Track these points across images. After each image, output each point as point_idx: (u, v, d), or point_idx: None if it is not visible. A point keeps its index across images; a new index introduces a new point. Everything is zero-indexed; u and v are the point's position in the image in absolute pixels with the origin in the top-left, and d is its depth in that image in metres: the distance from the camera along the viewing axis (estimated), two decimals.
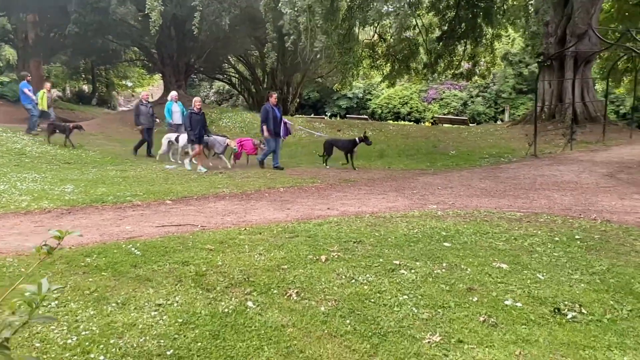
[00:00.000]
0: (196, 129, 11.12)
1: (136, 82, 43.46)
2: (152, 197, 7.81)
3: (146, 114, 13.68)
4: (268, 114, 11.39)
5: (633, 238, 5.17)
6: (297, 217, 6.34)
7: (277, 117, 11.52)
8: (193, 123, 11.09)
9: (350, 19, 17.63)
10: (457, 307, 3.50)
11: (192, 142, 11.40)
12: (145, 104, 13.83)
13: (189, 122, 11.07)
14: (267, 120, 11.38)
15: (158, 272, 4.10)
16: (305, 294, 3.69)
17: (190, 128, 11.12)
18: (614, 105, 32.03)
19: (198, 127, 11.15)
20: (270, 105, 11.55)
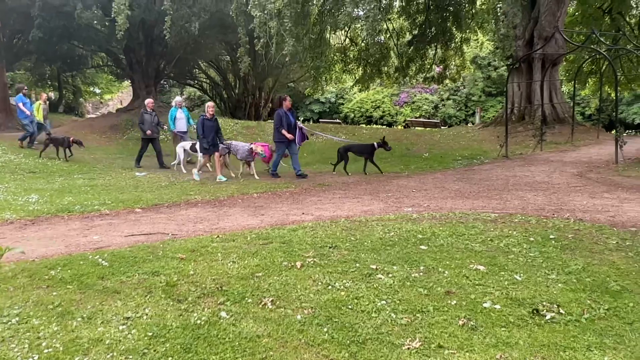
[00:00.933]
0: (209, 136, 10.46)
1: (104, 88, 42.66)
2: (121, 206, 7.59)
3: (150, 123, 13.00)
4: (282, 119, 10.76)
5: (606, 236, 5.21)
6: (272, 223, 6.22)
7: (291, 122, 10.93)
8: (206, 130, 10.44)
9: (321, 23, 17.64)
10: (436, 311, 3.44)
11: (206, 151, 10.70)
12: (150, 112, 13.12)
13: (202, 128, 10.42)
14: (281, 126, 10.74)
15: (127, 283, 3.94)
16: (280, 302, 3.58)
17: (203, 135, 10.46)
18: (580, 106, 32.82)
19: (211, 134, 10.50)
20: (284, 110, 10.89)
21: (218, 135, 10.70)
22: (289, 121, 10.84)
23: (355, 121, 39.13)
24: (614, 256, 4.56)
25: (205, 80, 35.83)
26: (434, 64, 24.04)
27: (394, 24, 23.58)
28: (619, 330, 3.17)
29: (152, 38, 23.67)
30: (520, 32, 18.42)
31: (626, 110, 32.05)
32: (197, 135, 10.83)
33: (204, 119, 10.45)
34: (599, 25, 20.48)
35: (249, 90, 31.86)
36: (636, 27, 22.19)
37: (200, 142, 10.69)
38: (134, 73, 25.14)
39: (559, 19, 17.87)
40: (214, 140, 10.55)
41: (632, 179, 9.46)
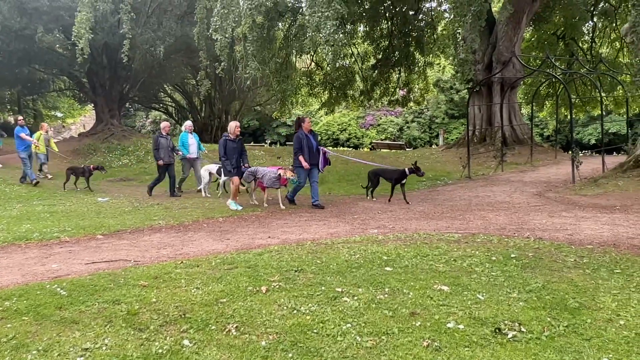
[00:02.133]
0: (233, 159, 9.53)
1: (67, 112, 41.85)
2: (82, 233, 7.39)
3: (166, 148, 12.00)
4: (302, 142, 9.71)
5: (564, 254, 5.36)
6: (237, 247, 6.16)
7: (312, 145, 9.84)
8: (229, 151, 9.48)
9: (287, 48, 17.84)
10: (401, 332, 3.45)
11: (229, 173, 9.78)
12: (165, 136, 12.14)
13: (224, 150, 9.45)
14: (301, 149, 9.72)
15: (86, 313, 3.82)
16: (245, 328, 3.53)
17: (225, 157, 9.49)
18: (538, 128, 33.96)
19: (235, 156, 9.56)
20: (304, 132, 9.83)
21: (242, 158, 9.77)
22: (310, 144, 9.79)
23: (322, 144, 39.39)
24: (572, 273, 4.69)
25: (171, 103, 35.64)
26: (398, 88, 24.56)
27: (359, 48, 24.06)
28: (578, 347, 3.24)
29: (116, 61, 23.46)
30: (480, 56, 19.04)
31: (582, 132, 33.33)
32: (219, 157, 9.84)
33: (226, 139, 9.55)
34: (554, 50, 21.40)
35: (215, 114, 31.82)
36: (588, 52, 23.25)
37: (223, 164, 9.75)
38: (97, 97, 24.81)
39: (515, 44, 18.57)
40: (238, 163, 9.67)
41: (588, 197, 9.79)
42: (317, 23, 11.36)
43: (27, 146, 13.87)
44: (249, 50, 12.73)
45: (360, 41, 23.85)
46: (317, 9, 11.31)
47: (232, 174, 9.68)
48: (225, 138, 9.57)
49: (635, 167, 11.70)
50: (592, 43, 23.53)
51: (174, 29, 21.50)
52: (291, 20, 16.98)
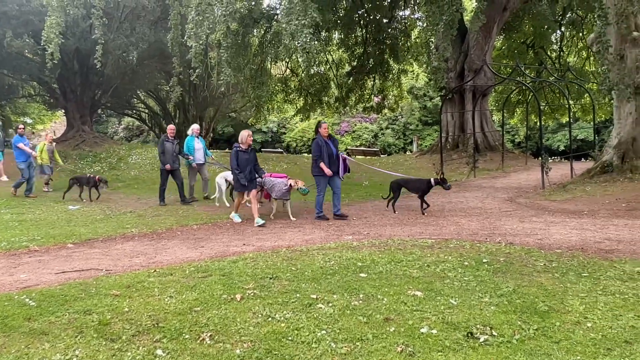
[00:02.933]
0: (246, 171, 8.66)
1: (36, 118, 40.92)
2: (52, 242, 7.24)
3: (171, 153, 11.35)
4: (321, 149, 9.01)
5: (534, 259, 5.47)
6: (211, 255, 6.12)
7: (332, 152, 9.13)
8: (241, 163, 8.63)
9: (262, 54, 17.86)
10: (375, 338, 3.48)
11: (243, 188, 8.75)
12: (171, 140, 11.45)
13: (236, 161, 8.59)
14: (321, 156, 9.01)
15: (56, 324, 3.74)
16: (219, 337, 3.51)
17: (238, 170, 8.61)
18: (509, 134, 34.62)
19: (248, 167, 8.72)
20: (322, 138, 9.15)
21: (256, 169, 8.95)
22: (329, 151, 9.08)
23: (297, 150, 39.45)
24: (542, 277, 4.79)
25: (144, 109, 35.18)
26: (373, 94, 24.79)
27: (334, 55, 24.24)
28: (547, 350, 3.31)
29: (87, 67, 23.07)
30: (452, 64, 19.37)
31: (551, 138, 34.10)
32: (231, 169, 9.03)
33: (237, 150, 8.69)
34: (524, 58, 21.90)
35: (189, 120, 31.49)
36: (556, 60, 23.87)
37: (236, 177, 8.75)
38: (68, 102, 24.34)
39: (486, 52, 18.96)
40: (252, 175, 8.81)
41: (557, 203, 10.02)
42: (293, 31, 11.40)
43: (27, 156, 12.97)
44: (223, 56, 12.69)
45: (335, 48, 24.04)
46: (294, 17, 11.36)
47: (245, 187, 8.75)
48: (237, 149, 8.74)
49: (602, 173, 12.04)
50: (560, 52, 24.17)
51: (148, 34, 21.28)
52: (266, 27, 17.03)
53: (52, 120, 42.43)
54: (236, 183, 8.94)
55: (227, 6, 11.64)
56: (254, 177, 8.85)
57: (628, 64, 11.98)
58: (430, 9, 12.29)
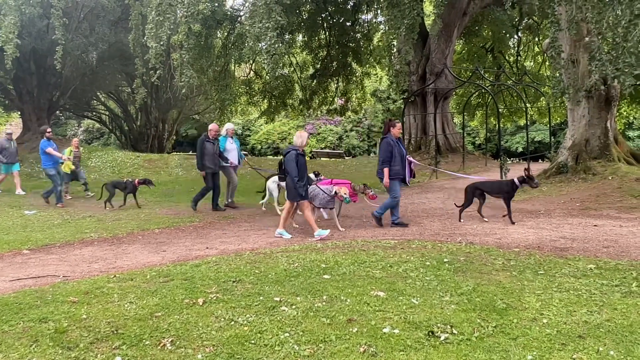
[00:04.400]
0: (304, 177, 7.55)
1: None
2: (7, 248, 6.99)
3: (212, 155, 10.36)
4: (392, 149, 7.99)
5: (493, 257, 5.61)
6: (174, 260, 6.03)
7: (403, 154, 8.16)
8: (301, 168, 7.43)
9: (225, 56, 17.73)
10: (338, 340, 3.50)
11: (301, 197, 7.46)
12: (212, 140, 10.41)
13: (296, 166, 7.35)
14: (391, 159, 7.97)
15: (9, 333, 3.61)
16: (180, 342, 3.46)
17: (297, 176, 7.34)
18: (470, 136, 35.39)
19: (306, 174, 7.72)
20: (393, 138, 8.12)
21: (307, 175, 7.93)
22: (401, 153, 8.10)
23: (262, 152, 39.28)
24: (500, 276, 4.92)
25: (105, 112, 34.38)
26: (337, 97, 24.92)
27: (298, 58, 24.27)
28: (505, 346, 3.40)
29: (44, 68, 22.38)
30: (414, 67, 19.67)
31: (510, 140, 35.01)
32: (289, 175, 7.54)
33: (297, 153, 7.48)
34: (483, 62, 22.45)
35: (151, 122, 30.99)
36: (514, 64, 24.54)
37: (294, 186, 7.40)
38: (24, 104, 23.55)
39: (447, 56, 19.34)
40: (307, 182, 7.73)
41: (515, 203, 10.26)
42: (258, 33, 11.36)
43: (56, 162, 12.06)
44: (185, 58, 12.53)
45: (299, 51, 24.08)
46: (258, 19, 11.32)
47: (302, 198, 7.49)
48: (297, 152, 7.49)
49: (558, 174, 12.45)
50: (517, 56, 24.87)
51: (108, 35, 20.82)
52: (230, 29, 16.92)
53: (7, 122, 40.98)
54: (291, 192, 7.52)
55: (188, 7, 11.51)
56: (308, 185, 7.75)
57: (580, 68, 12.44)
58: (392, 12, 12.46)
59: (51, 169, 11.96)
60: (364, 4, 20.89)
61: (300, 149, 7.58)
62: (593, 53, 9.04)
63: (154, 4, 11.91)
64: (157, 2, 11.82)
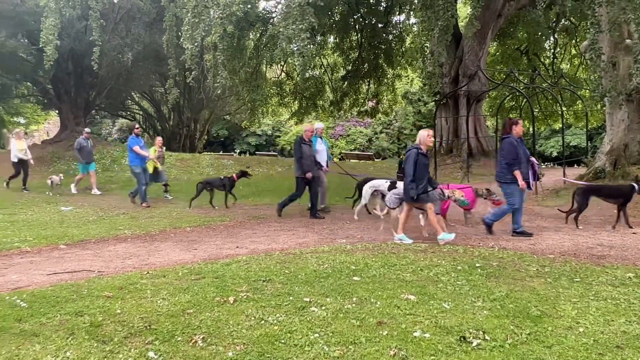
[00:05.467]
0: (424, 180, 6.97)
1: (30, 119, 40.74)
2: (44, 242, 7.20)
3: (310, 157, 9.54)
4: (518, 151, 7.33)
5: (527, 264, 5.50)
6: (204, 258, 6.10)
7: (528, 156, 7.57)
8: (420, 169, 6.92)
9: (257, 57, 17.86)
10: (368, 342, 3.47)
11: (410, 199, 7.02)
12: (308, 142, 9.70)
13: (414, 167, 6.87)
14: (517, 161, 7.29)
15: (47, 325, 3.72)
16: (212, 339, 3.49)
17: (413, 177, 6.87)
18: None
19: (427, 175, 7.09)
20: (517, 138, 7.50)
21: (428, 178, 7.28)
22: (526, 154, 7.52)
23: (291, 154, 39.45)
24: (535, 282, 4.81)
25: (139, 111, 35.11)
26: (367, 99, 24.83)
27: (329, 59, 24.29)
28: (539, 354, 3.32)
29: (82, 68, 22.97)
30: (447, 70, 19.46)
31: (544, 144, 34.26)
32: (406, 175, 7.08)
33: (419, 152, 6.99)
34: (517, 64, 22.04)
35: (183, 122, 31.48)
36: (550, 67, 24.02)
37: (408, 187, 6.95)
38: (62, 103, 24.23)
39: (480, 58, 19.07)
40: (427, 186, 7.07)
41: (550, 208, 10.06)
42: (290, 35, 11.41)
43: (143, 160, 11.86)
44: (219, 59, 12.68)
45: (330, 52, 24.10)
46: (291, 20, 11.36)
47: (413, 200, 7.02)
48: (418, 151, 6.99)
49: (595, 179, 12.11)
50: (553, 59, 24.34)
51: (143, 36, 21.25)
52: (262, 30, 17.03)
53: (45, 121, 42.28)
54: (410, 193, 7.01)
55: (224, 9, 11.64)
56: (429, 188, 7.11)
57: (620, 71, 12.08)
58: (425, 14, 12.35)
59: (137, 167, 11.71)
60: (396, 6, 20.78)
61: (422, 147, 7.08)
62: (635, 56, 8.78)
63: (190, 5, 12.10)
64: (192, 4, 12.00)
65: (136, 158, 11.76)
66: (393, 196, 7.68)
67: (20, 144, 14.44)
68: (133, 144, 11.78)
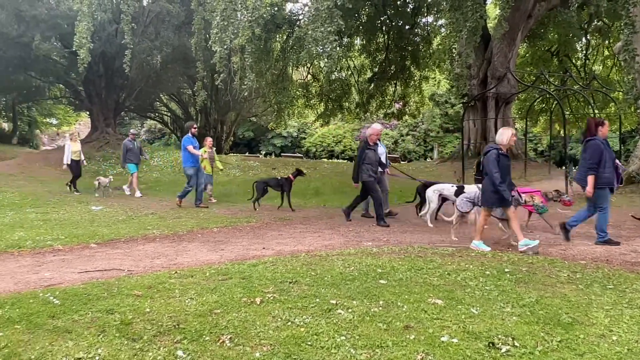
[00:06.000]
0: (506, 179, 6.66)
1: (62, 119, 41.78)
2: (76, 241, 7.37)
3: (374, 163, 9.03)
4: (603, 155, 6.87)
5: (557, 269, 5.39)
6: (231, 258, 6.16)
7: (613, 158, 7.10)
8: (502, 171, 6.55)
9: (284, 60, 17.95)
10: (395, 346, 3.45)
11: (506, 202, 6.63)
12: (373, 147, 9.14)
13: (496, 166, 6.51)
14: (600, 162, 6.83)
15: (79, 322, 3.80)
16: (239, 340, 3.52)
17: (498, 177, 6.47)
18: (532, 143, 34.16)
19: (509, 177, 6.81)
20: (602, 139, 7.06)
21: None
22: (612, 156, 7.05)
23: (317, 155, 39.49)
24: (566, 289, 4.71)
25: (166, 113, 35.64)
26: (394, 101, 24.71)
27: (355, 61, 24.25)
28: None
29: (112, 70, 23.50)
30: (475, 71, 19.23)
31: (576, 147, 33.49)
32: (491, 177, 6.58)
33: (500, 153, 6.62)
34: (548, 66, 21.62)
35: (210, 124, 31.83)
36: (581, 68, 23.51)
37: (492, 187, 6.58)
38: (93, 105, 24.81)
39: (510, 60, 18.78)
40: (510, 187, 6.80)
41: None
42: (318, 37, 11.43)
43: (196, 161, 11.49)
44: (246, 61, 12.79)
45: (357, 54, 24.05)
46: (319, 23, 11.38)
47: (506, 203, 6.64)
48: (499, 152, 6.63)
49: (629, 184, 11.80)
50: (585, 60, 23.82)
51: (172, 38, 21.59)
52: (288, 32, 17.12)
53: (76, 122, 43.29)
54: (490, 196, 6.66)
55: (252, 12, 11.74)
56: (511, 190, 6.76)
57: None
58: (453, 15, 12.22)
59: (190, 169, 11.32)
60: (424, 7, 20.62)
61: (502, 147, 6.69)
62: None
63: (219, 9, 12.23)
64: (221, 7, 12.13)
65: (189, 159, 11.37)
66: (464, 199, 7.42)
67: (75, 146, 14.50)
68: (187, 144, 11.35)
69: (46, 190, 14.50)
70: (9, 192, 13.10)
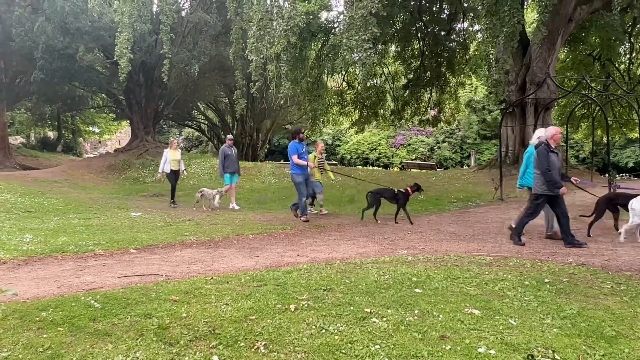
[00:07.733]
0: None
1: (104, 128, 43.12)
2: (116, 246, 7.56)
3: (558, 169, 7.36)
4: None
5: (600, 280, 5.20)
6: (266, 265, 6.20)
7: None
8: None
9: (318, 67, 18.04)
10: (430, 356, 3.40)
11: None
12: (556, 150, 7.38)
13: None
14: None
15: (118, 326, 3.89)
16: (273, 346, 3.54)
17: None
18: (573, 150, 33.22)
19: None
20: None
21: None
22: None
23: (352, 162, 39.45)
24: (609, 301, 4.55)
25: (204, 121, 36.31)
26: (429, 107, 24.49)
27: (390, 68, 24.18)
28: None
29: (152, 80, 24.12)
30: (513, 77, 18.85)
31: (619, 154, 32.42)
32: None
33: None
34: (589, 71, 21.02)
35: (246, 132, 32.26)
36: (625, 73, 22.76)
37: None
38: (133, 113, 25.50)
39: (549, 65, 18.33)
40: None
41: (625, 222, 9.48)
42: (353, 45, 11.44)
43: (304, 168, 10.49)
44: (282, 70, 12.91)
45: (392, 61, 23.97)
46: (354, 31, 11.40)
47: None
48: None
49: None
50: (629, 64, 23.04)
51: (209, 48, 22.04)
52: (323, 40, 17.21)
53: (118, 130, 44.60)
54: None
55: (287, 21, 11.87)
56: None
57: None
58: (490, 21, 12.04)
59: (298, 176, 10.40)
60: (460, 13, 20.40)
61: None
62: None
63: (255, 19, 12.42)
64: (258, 17, 12.32)
65: (296, 167, 10.47)
66: None
67: (174, 154, 13.44)
68: (293, 152, 10.39)
69: (88, 196, 14.95)
70: (53, 199, 13.57)
